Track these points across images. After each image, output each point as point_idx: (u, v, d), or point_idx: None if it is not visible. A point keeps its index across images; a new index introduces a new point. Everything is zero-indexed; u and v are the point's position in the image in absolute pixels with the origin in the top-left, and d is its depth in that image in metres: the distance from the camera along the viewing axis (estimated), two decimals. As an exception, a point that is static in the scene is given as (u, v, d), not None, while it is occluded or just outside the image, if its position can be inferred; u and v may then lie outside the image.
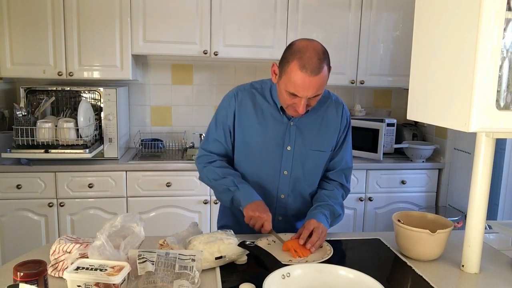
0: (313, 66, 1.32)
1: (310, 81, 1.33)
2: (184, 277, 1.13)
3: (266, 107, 1.55)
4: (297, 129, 1.54)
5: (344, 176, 1.65)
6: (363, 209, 3.00)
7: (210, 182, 1.61)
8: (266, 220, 1.43)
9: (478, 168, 1.27)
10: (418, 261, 1.37)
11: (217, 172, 1.57)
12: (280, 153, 1.55)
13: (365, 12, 3.01)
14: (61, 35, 2.74)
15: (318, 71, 1.33)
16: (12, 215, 2.64)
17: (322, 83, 1.36)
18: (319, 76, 1.33)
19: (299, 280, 1.12)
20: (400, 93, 3.50)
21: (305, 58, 1.32)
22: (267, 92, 1.56)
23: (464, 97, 1.07)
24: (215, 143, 1.61)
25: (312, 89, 1.35)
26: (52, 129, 2.58)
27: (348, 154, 1.65)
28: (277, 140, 1.54)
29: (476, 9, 1.02)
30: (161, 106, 3.28)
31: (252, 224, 1.45)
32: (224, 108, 1.59)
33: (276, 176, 1.58)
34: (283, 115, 1.54)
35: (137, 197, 2.74)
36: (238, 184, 1.52)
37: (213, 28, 2.88)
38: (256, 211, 1.44)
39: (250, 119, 1.55)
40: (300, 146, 1.55)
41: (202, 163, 1.62)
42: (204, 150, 1.64)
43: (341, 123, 1.59)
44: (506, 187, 2.80)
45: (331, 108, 1.58)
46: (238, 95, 1.57)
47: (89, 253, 1.12)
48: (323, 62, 1.34)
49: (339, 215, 1.59)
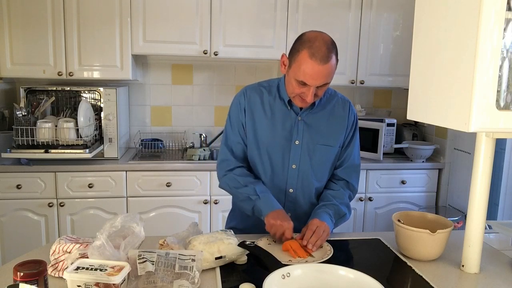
0: (322, 55, 1.37)
1: (319, 69, 1.38)
2: (184, 277, 1.13)
3: (274, 103, 1.59)
4: (305, 124, 1.57)
5: (352, 173, 1.66)
6: (363, 209, 3.00)
7: (231, 190, 1.64)
8: (287, 228, 1.44)
9: (478, 168, 1.27)
10: (418, 261, 1.37)
11: (238, 180, 1.59)
12: (289, 147, 1.57)
13: (365, 12, 3.01)
14: (61, 35, 2.74)
15: (327, 59, 1.38)
16: (12, 215, 2.64)
17: (331, 72, 1.41)
18: (328, 65, 1.38)
19: (299, 280, 1.12)
20: (400, 93, 3.50)
21: (315, 47, 1.38)
22: (275, 89, 1.61)
23: (464, 97, 1.07)
24: (237, 146, 1.63)
25: (321, 78, 1.39)
26: (52, 129, 2.58)
27: (356, 152, 1.66)
28: (286, 134, 1.57)
29: (476, 9, 1.02)
30: (161, 106, 3.28)
31: (273, 232, 1.46)
32: (236, 107, 1.62)
33: (285, 170, 1.59)
34: (291, 110, 1.57)
35: (137, 197, 2.74)
36: (260, 193, 1.54)
37: (213, 28, 2.88)
38: (278, 219, 1.45)
39: (259, 115, 1.59)
40: (308, 140, 1.57)
41: (222, 170, 1.64)
42: (224, 155, 1.63)
43: (349, 119, 1.62)
44: (506, 187, 2.80)
45: (338, 105, 1.62)
46: (246, 92, 1.62)
47: (89, 253, 1.12)
48: (332, 51, 1.40)
49: (344, 215, 1.59)
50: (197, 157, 2.88)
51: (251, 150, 1.61)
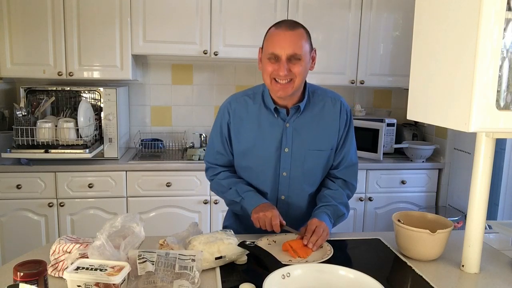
0: (287, 23, 1.42)
1: (285, 35, 1.38)
2: (184, 277, 1.13)
3: (260, 112, 1.55)
4: (293, 130, 1.54)
5: (350, 173, 1.63)
6: (363, 209, 3.00)
7: (219, 194, 1.68)
8: (273, 215, 1.44)
9: (478, 168, 1.27)
10: (418, 261, 1.37)
11: (222, 184, 1.61)
12: (278, 156, 1.55)
13: (365, 12, 3.01)
14: (61, 35, 2.74)
15: (293, 27, 1.40)
16: (12, 215, 2.64)
17: (299, 39, 1.40)
18: (295, 32, 1.40)
19: (299, 280, 1.12)
20: (400, 93, 3.50)
21: (280, 22, 1.45)
22: (259, 96, 1.57)
23: (464, 97, 1.07)
24: (218, 156, 1.64)
25: (290, 45, 1.38)
26: (52, 129, 2.58)
27: (352, 150, 1.63)
28: (274, 143, 1.54)
29: (476, 9, 1.02)
30: (161, 106, 3.28)
31: (261, 224, 1.46)
32: (219, 120, 1.62)
33: (276, 178, 1.58)
34: (278, 117, 1.54)
35: (137, 197, 2.74)
36: (242, 194, 1.55)
37: (213, 28, 2.88)
38: (260, 211, 1.46)
39: (245, 127, 1.56)
40: (298, 146, 1.54)
41: (209, 176, 1.69)
42: (208, 163, 1.69)
43: (340, 118, 1.57)
44: (506, 187, 2.80)
45: (327, 105, 1.57)
46: (231, 105, 1.59)
47: (89, 253, 1.12)
48: (299, 25, 1.43)
49: (342, 215, 1.59)
50: (197, 157, 2.88)
51: (240, 161, 1.61)
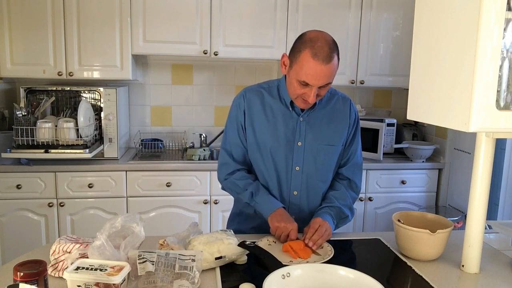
0: (324, 54, 1.36)
1: (322, 69, 1.36)
2: (184, 277, 1.13)
3: (274, 104, 1.57)
4: (307, 125, 1.56)
5: (356, 172, 1.66)
6: (363, 209, 3.00)
7: (233, 194, 1.66)
8: (292, 230, 1.44)
9: (478, 168, 1.27)
10: (418, 261, 1.37)
11: (238, 184, 1.60)
12: (291, 149, 1.56)
13: (365, 12, 3.01)
14: (61, 35, 2.74)
15: (329, 59, 1.36)
16: (12, 215, 2.64)
17: (333, 71, 1.40)
18: (330, 65, 1.37)
19: (299, 280, 1.12)
20: (400, 93, 3.50)
21: (317, 47, 1.36)
22: (275, 90, 1.59)
23: (464, 97, 1.07)
24: (236, 148, 1.62)
25: (324, 78, 1.38)
26: (52, 129, 2.58)
27: (359, 150, 1.66)
28: (288, 136, 1.56)
29: (476, 9, 1.02)
30: (161, 106, 3.28)
31: (278, 234, 1.46)
32: (235, 109, 1.61)
33: (288, 172, 1.58)
34: (292, 111, 1.55)
35: (137, 197, 2.74)
36: (256, 198, 1.55)
37: (213, 28, 2.88)
38: (282, 221, 1.46)
39: (259, 118, 1.57)
40: (311, 141, 1.56)
41: (223, 174, 1.64)
42: (226, 153, 1.63)
43: (350, 117, 1.61)
44: (506, 187, 2.79)
45: (338, 103, 1.61)
46: (246, 95, 1.60)
47: (89, 253, 1.12)
48: (334, 51, 1.39)
49: (346, 217, 1.59)
50: (197, 157, 2.88)
51: (253, 153, 1.60)
